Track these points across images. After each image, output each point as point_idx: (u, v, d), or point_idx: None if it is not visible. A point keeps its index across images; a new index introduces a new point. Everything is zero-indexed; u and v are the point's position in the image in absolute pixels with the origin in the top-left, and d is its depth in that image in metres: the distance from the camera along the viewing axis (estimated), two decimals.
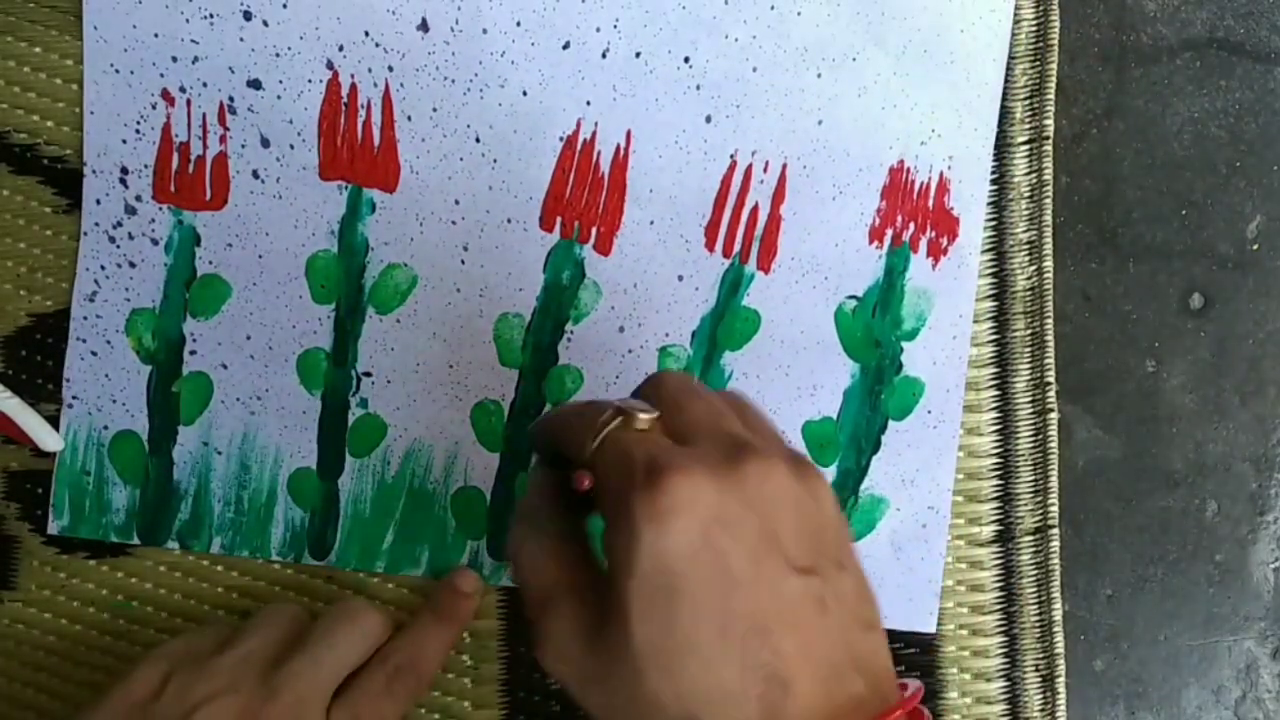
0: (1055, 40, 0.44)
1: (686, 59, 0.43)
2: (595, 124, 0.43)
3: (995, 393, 0.45)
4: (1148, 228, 0.46)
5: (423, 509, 0.44)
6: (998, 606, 0.45)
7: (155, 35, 0.41)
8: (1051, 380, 0.45)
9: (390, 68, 0.42)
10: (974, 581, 0.45)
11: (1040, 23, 0.44)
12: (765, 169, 0.43)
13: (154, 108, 0.42)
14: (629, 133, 0.43)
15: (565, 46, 0.42)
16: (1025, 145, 0.45)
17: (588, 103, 0.42)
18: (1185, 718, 0.46)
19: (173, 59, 0.41)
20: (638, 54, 0.42)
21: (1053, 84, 0.44)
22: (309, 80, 0.42)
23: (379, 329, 0.43)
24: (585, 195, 0.43)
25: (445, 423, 0.43)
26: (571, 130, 0.43)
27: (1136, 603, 0.46)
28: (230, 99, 0.42)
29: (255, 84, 0.41)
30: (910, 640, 0.45)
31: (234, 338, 0.43)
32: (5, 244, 0.43)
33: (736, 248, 0.44)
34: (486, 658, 0.44)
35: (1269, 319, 0.46)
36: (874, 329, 0.44)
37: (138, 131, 0.42)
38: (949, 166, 0.44)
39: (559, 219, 0.43)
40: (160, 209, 0.42)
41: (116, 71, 0.41)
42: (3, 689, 0.43)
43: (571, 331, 0.44)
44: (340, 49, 0.41)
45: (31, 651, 0.43)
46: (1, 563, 0.43)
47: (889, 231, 0.44)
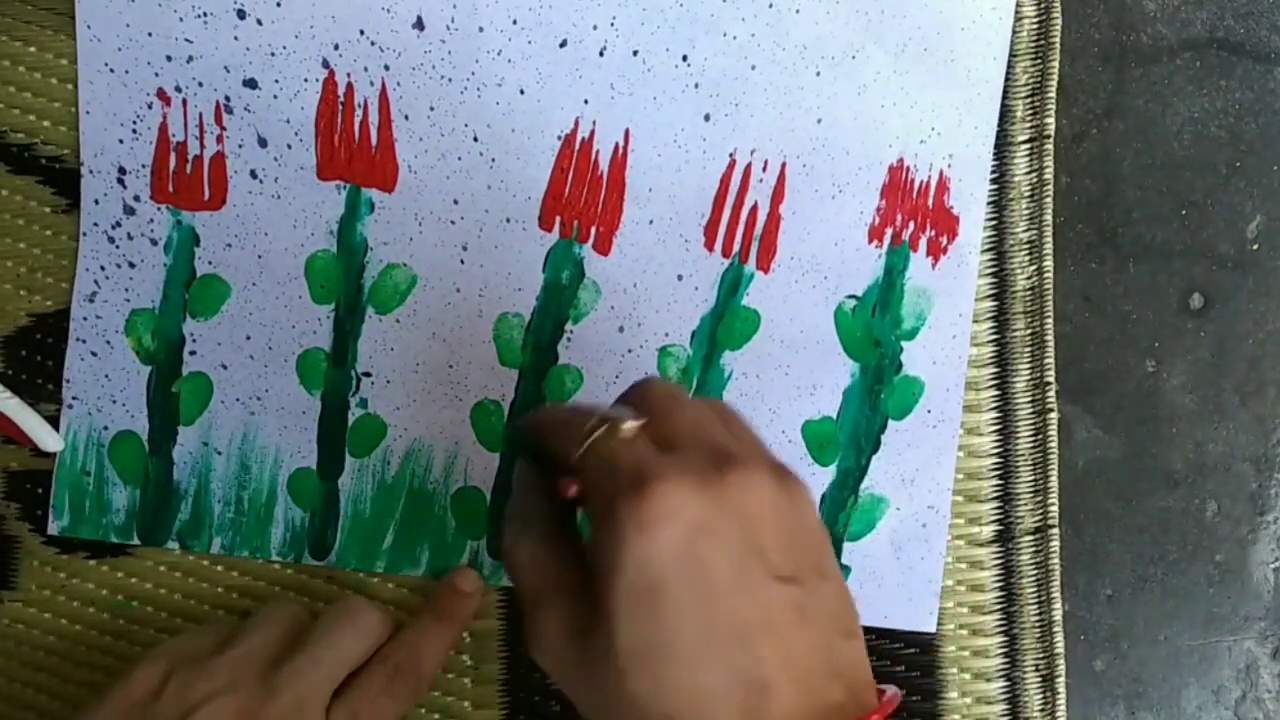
0: (1057, 38, 0.44)
1: (685, 57, 0.42)
2: (593, 123, 0.42)
3: (995, 393, 0.45)
4: (1148, 228, 0.45)
5: (423, 509, 0.44)
6: (998, 606, 0.45)
7: (149, 34, 0.41)
8: (1051, 380, 0.45)
9: (386, 66, 0.41)
10: (974, 581, 0.45)
11: (1041, 21, 0.44)
12: (764, 168, 0.43)
13: (150, 107, 0.41)
14: (627, 131, 0.43)
15: (562, 45, 0.42)
16: (1026, 144, 0.44)
17: (585, 101, 0.42)
18: (1185, 718, 0.46)
19: (167, 58, 0.41)
20: (635, 52, 0.42)
21: (1054, 82, 0.44)
22: (305, 79, 0.41)
23: (378, 329, 0.43)
24: (584, 194, 0.43)
25: (445, 423, 0.43)
26: (570, 129, 0.42)
27: (1136, 603, 0.46)
28: (226, 98, 0.41)
29: (251, 83, 0.41)
30: (910, 640, 0.45)
31: (234, 338, 0.43)
32: (5, 244, 0.43)
33: (736, 247, 0.44)
34: (486, 658, 0.44)
35: (1269, 319, 0.46)
36: (874, 328, 0.44)
37: (134, 131, 0.42)
38: (949, 165, 0.44)
39: (558, 218, 0.43)
40: (159, 209, 0.42)
41: (111, 71, 0.41)
42: (3, 689, 0.43)
43: (571, 331, 0.43)
44: (336, 48, 0.41)
45: (31, 651, 0.43)
46: (1, 563, 0.43)
47: (889, 230, 0.44)
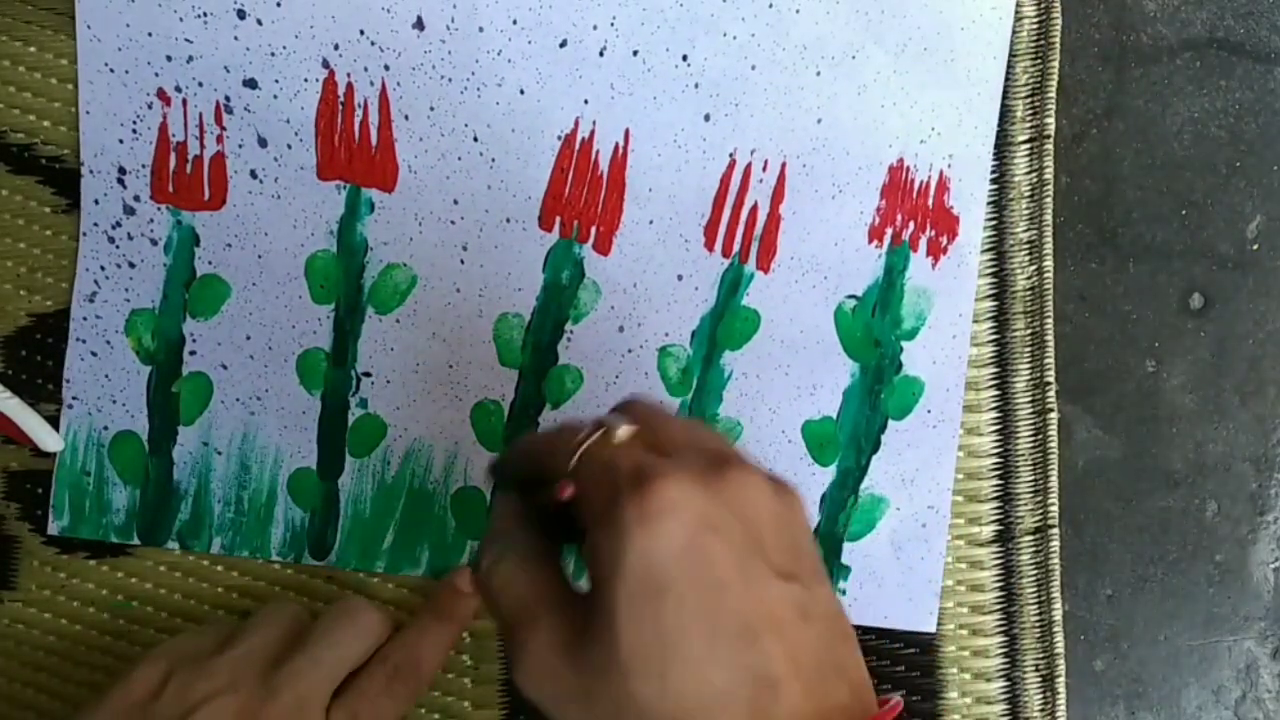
0: (1057, 38, 0.44)
1: (684, 57, 0.42)
2: (593, 123, 0.42)
3: (995, 393, 0.45)
4: (1148, 228, 0.45)
5: (423, 509, 0.44)
6: (998, 606, 0.45)
7: (149, 34, 0.41)
8: (1051, 380, 0.45)
9: (386, 66, 0.41)
10: (974, 581, 0.45)
11: (1041, 21, 0.44)
12: (764, 168, 0.43)
13: (150, 107, 0.41)
14: (627, 131, 0.43)
15: (562, 45, 0.42)
16: (1026, 144, 0.44)
17: (585, 101, 0.42)
18: (1185, 718, 0.46)
19: (167, 58, 0.41)
20: (635, 52, 0.42)
21: (1054, 82, 0.44)
22: (305, 79, 0.41)
23: (378, 329, 0.43)
24: (584, 194, 0.43)
25: (445, 423, 0.43)
26: (570, 129, 0.42)
27: (1136, 603, 0.46)
28: (226, 99, 0.41)
29: (251, 83, 0.41)
30: (910, 640, 0.45)
31: (234, 338, 0.43)
32: (5, 244, 0.43)
33: (736, 247, 0.44)
34: (486, 658, 0.44)
35: (1269, 319, 0.46)
36: (874, 328, 0.44)
37: (134, 131, 0.42)
38: (949, 165, 0.44)
39: (558, 218, 0.43)
40: (159, 209, 0.42)
41: (111, 71, 0.41)
42: (3, 689, 0.43)
43: (571, 331, 0.43)
44: (336, 48, 0.41)
45: (31, 651, 0.43)
46: (1, 563, 0.43)
47: (889, 230, 0.44)
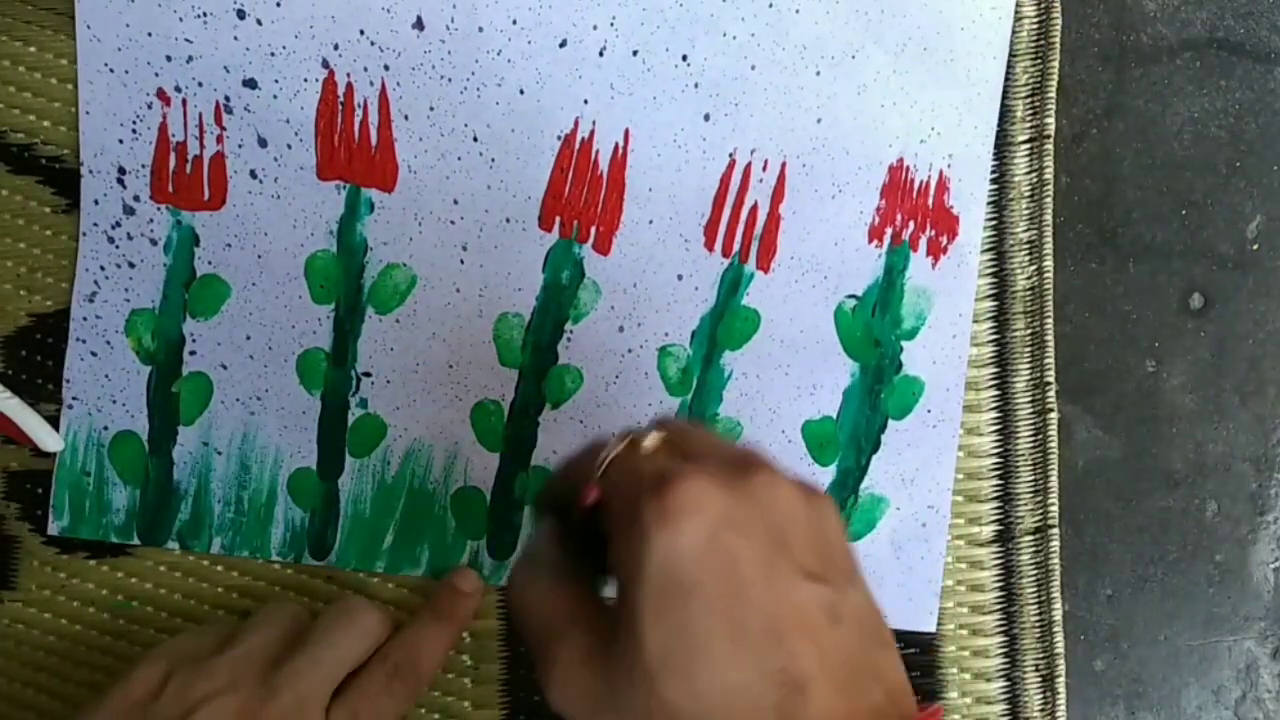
0: (1057, 38, 0.44)
1: (684, 57, 0.42)
2: (593, 123, 0.42)
3: (995, 393, 0.45)
4: (1148, 228, 0.45)
5: (423, 509, 0.44)
6: (998, 606, 0.45)
7: (149, 34, 0.41)
8: (1051, 380, 0.45)
9: (386, 66, 0.41)
10: (974, 581, 0.45)
11: (1041, 21, 0.44)
12: (764, 167, 0.43)
13: (150, 107, 0.41)
14: (627, 131, 0.43)
15: (562, 45, 0.42)
16: (1026, 144, 0.44)
17: (585, 101, 0.42)
18: (1185, 718, 0.46)
19: (167, 58, 0.41)
20: (635, 52, 0.42)
21: (1054, 82, 0.44)
22: (305, 79, 0.41)
23: (378, 329, 0.43)
24: (584, 194, 0.43)
25: (445, 423, 0.43)
26: (569, 129, 0.42)
27: (1136, 603, 0.46)
28: (226, 98, 0.41)
29: (251, 83, 0.41)
30: (910, 640, 0.45)
31: (233, 338, 0.43)
32: (5, 244, 0.43)
33: (736, 247, 0.44)
34: (486, 658, 0.44)
35: (1269, 319, 0.46)
36: (874, 328, 0.44)
37: (134, 131, 0.42)
38: (949, 165, 0.44)
39: (558, 218, 0.43)
40: (159, 209, 0.42)
41: (111, 71, 0.41)
42: (3, 689, 0.43)
43: (571, 331, 0.43)
44: (335, 48, 0.41)
45: (31, 651, 0.43)
46: (1, 563, 0.43)
47: (888, 230, 0.44)
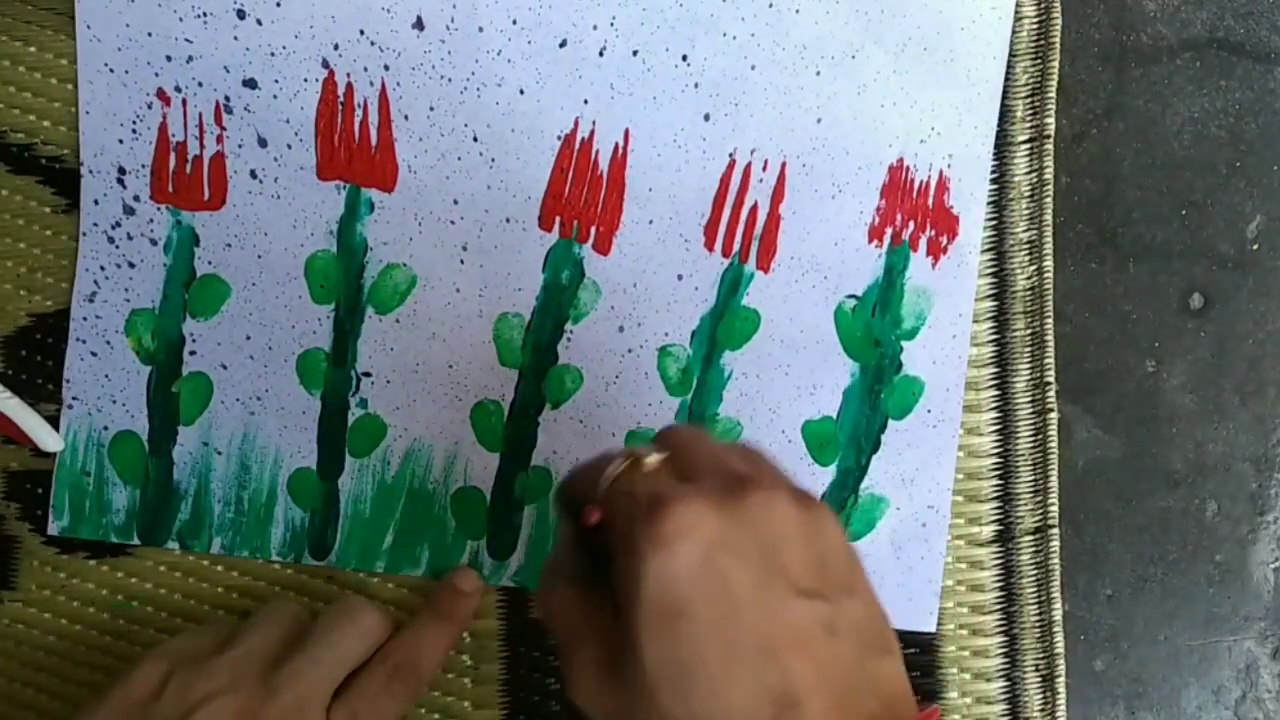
0: (1057, 38, 0.44)
1: (684, 57, 0.42)
2: (593, 123, 0.42)
3: (995, 393, 0.45)
4: (1148, 228, 0.45)
5: (423, 509, 0.44)
6: (998, 606, 0.45)
7: (149, 34, 0.41)
8: (1051, 380, 0.45)
9: (386, 66, 0.41)
10: (974, 581, 0.45)
11: (1041, 21, 0.44)
12: (764, 167, 0.43)
13: (150, 107, 0.41)
14: (627, 131, 0.43)
15: (562, 45, 0.42)
16: (1026, 144, 0.44)
17: (585, 101, 0.42)
18: (1185, 718, 0.46)
19: (167, 58, 0.41)
20: (635, 52, 0.42)
21: (1054, 82, 0.44)
22: (305, 79, 0.41)
23: (378, 329, 0.43)
24: (584, 194, 0.43)
25: (445, 423, 0.43)
26: (569, 129, 0.42)
27: (1136, 603, 0.46)
28: (226, 99, 0.41)
29: (251, 83, 0.41)
30: (910, 640, 0.45)
31: (233, 338, 0.43)
32: (5, 244, 0.43)
33: (736, 247, 0.44)
34: (486, 658, 0.44)
35: (1269, 319, 0.46)
36: (874, 328, 0.44)
37: (134, 131, 0.42)
38: (949, 165, 0.44)
39: (558, 218, 0.43)
40: (159, 209, 0.42)
41: (111, 71, 0.41)
42: (3, 689, 0.43)
43: (571, 331, 0.43)
44: (335, 48, 0.41)
45: (31, 651, 0.43)
46: (1, 563, 0.43)
47: (888, 230, 0.44)
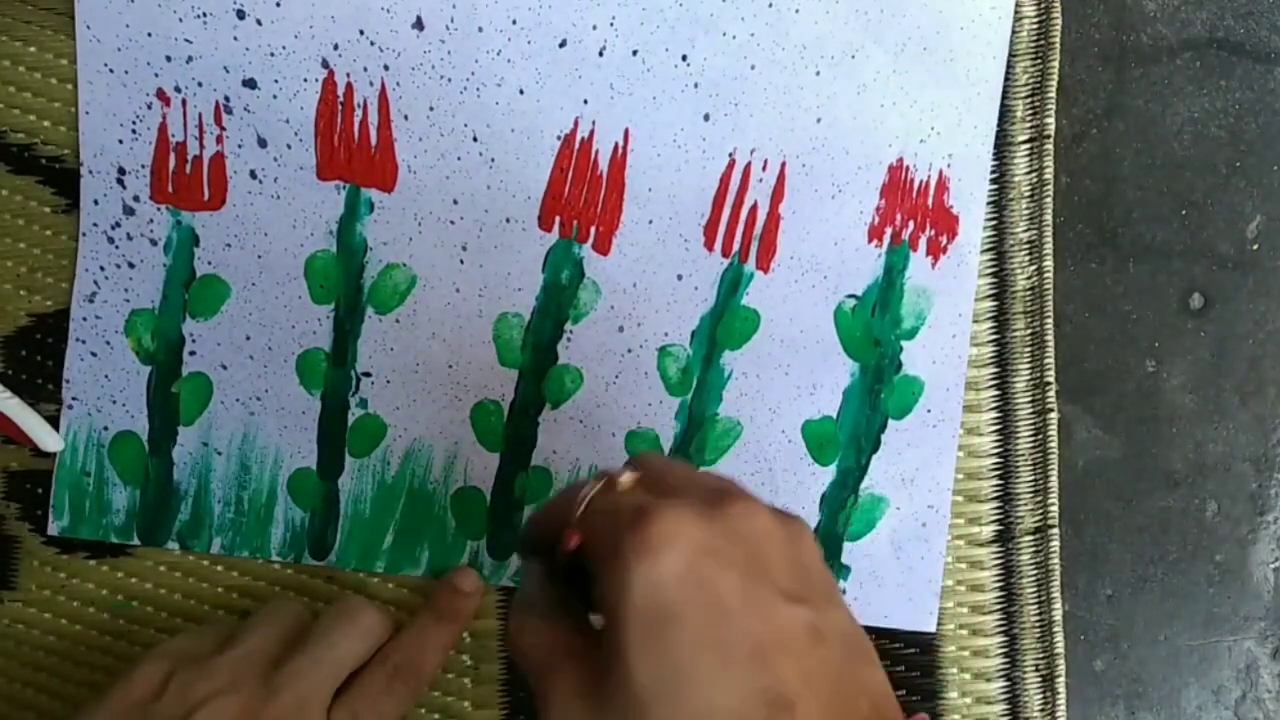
0: (1057, 38, 0.44)
1: (684, 57, 0.42)
2: (593, 123, 0.42)
3: (995, 393, 0.45)
4: (1148, 228, 0.45)
5: (423, 509, 0.44)
6: (998, 606, 0.45)
7: (149, 34, 0.41)
8: (1051, 380, 0.45)
9: (386, 66, 0.41)
10: (974, 581, 0.45)
11: (1041, 20, 0.44)
12: (764, 167, 0.43)
13: (149, 108, 0.41)
14: (627, 131, 0.43)
15: (562, 45, 0.42)
16: (1026, 144, 0.44)
17: (585, 101, 0.42)
18: (1185, 718, 0.46)
19: (167, 58, 0.41)
20: (635, 52, 0.42)
21: (1054, 82, 0.44)
22: (304, 79, 0.41)
23: (378, 329, 0.43)
24: (584, 194, 0.43)
25: (445, 423, 0.43)
26: (569, 129, 0.42)
27: (1136, 603, 0.46)
28: (226, 99, 0.41)
29: (251, 83, 0.41)
30: (910, 640, 0.45)
31: (233, 338, 0.43)
32: (5, 244, 0.43)
33: (736, 247, 0.44)
34: (486, 658, 0.44)
35: (1269, 319, 0.46)
36: (873, 328, 0.44)
37: (134, 131, 0.42)
38: (949, 165, 0.44)
39: (557, 218, 0.43)
40: (158, 209, 0.42)
41: (110, 71, 0.41)
42: (3, 689, 0.43)
43: (571, 331, 0.43)
44: (335, 48, 0.41)
45: (31, 651, 0.43)
46: (1, 563, 0.43)
47: (888, 230, 0.44)
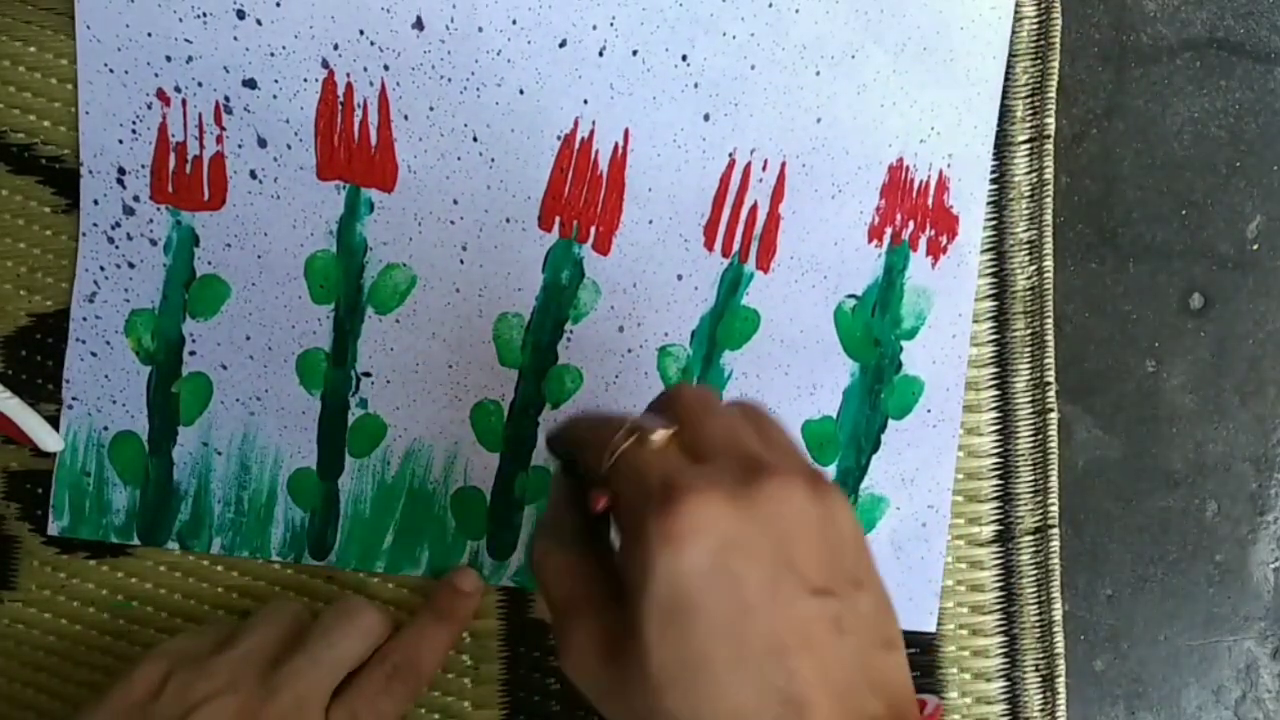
0: (1057, 38, 0.44)
1: (684, 57, 0.42)
2: (593, 123, 0.42)
3: (995, 393, 0.45)
4: (1148, 228, 0.45)
5: (423, 509, 0.44)
6: (998, 606, 0.45)
7: (149, 34, 0.41)
8: (1051, 380, 0.45)
9: (386, 66, 0.41)
10: (974, 581, 0.45)
11: (1041, 21, 0.44)
12: (764, 167, 0.43)
13: (149, 108, 0.41)
14: (627, 131, 0.43)
15: (562, 45, 0.42)
16: (1026, 144, 0.44)
17: (585, 101, 0.42)
18: (1185, 718, 0.46)
19: (167, 58, 0.41)
20: (635, 52, 0.42)
21: (1054, 82, 0.44)
22: (304, 79, 0.41)
23: (378, 329, 0.43)
24: (584, 194, 0.43)
25: (445, 423, 0.43)
26: (569, 129, 0.42)
27: (1136, 603, 0.46)
28: (226, 99, 0.41)
29: (251, 83, 0.41)
30: (910, 640, 0.45)
31: (233, 338, 0.43)
32: (5, 244, 0.43)
33: (736, 247, 0.44)
34: (486, 658, 0.44)
35: (1269, 319, 0.46)
36: (873, 328, 0.44)
37: (134, 131, 0.42)
38: (949, 165, 0.44)
39: (558, 218, 0.43)
40: (158, 209, 0.42)
41: (110, 71, 0.41)
42: (3, 689, 0.43)
43: (571, 331, 0.43)
44: (335, 48, 0.41)
45: (31, 651, 0.43)
46: (1, 563, 0.43)
47: (888, 230, 0.44)
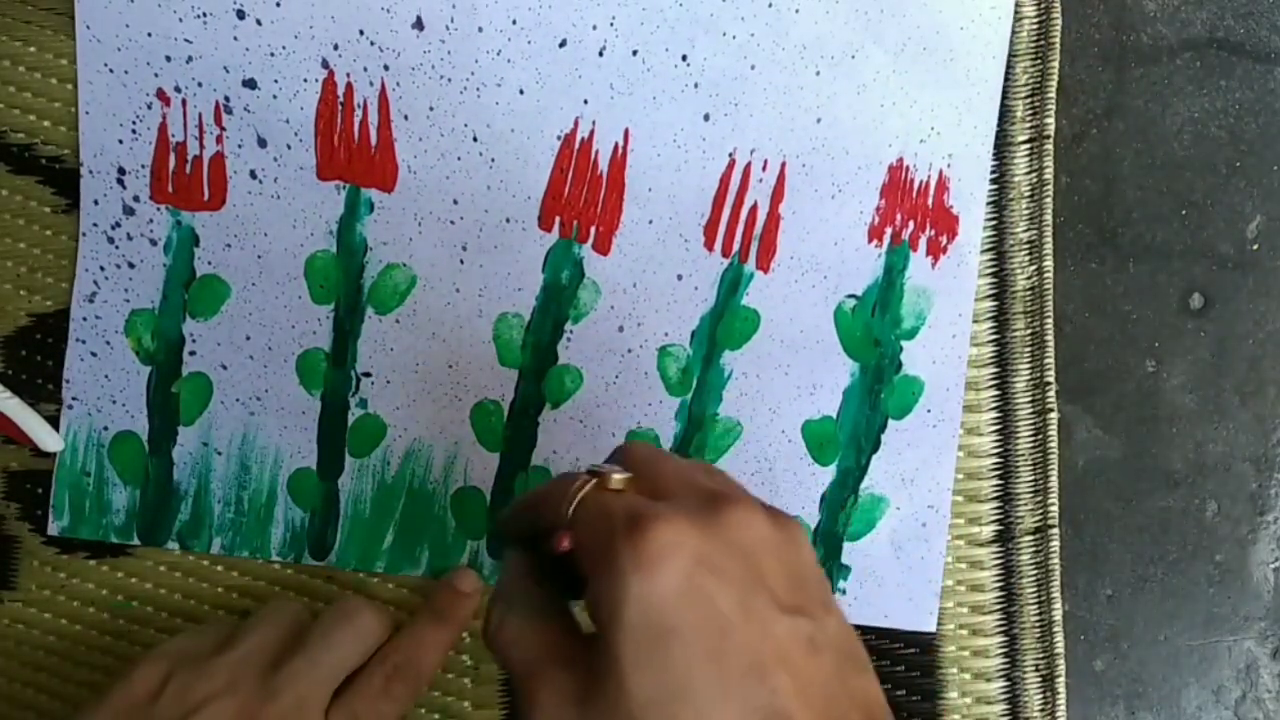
0: (1057, 38, 0.44)
1: (684, 57, 0.42)
2: (593, 123, 0.42)
3: (995, 393, 0.45)
4: (1148, 228, 0.45)
5: (423, 509, 0.44)
6: (998, 606, 0.45)
7: (149, 34, 0.41)
8: (1051, 380, 0.45)
9: (386, 66, 0.41)
10: (974, 581, 0.45)
11: (1041, 21, 0.44)
12: (764, 167, 0.43)
13: (149, 108, 0.41)
14: (627, 131, 0.43)
15: (562, 45, 0.42)
16: (1026, 144, 0.44)
17: (585, 101, 0.42)
18: (1185, 718, 0.46)
19: (167, 58, 0.41)
20: (635, 52, 0.42)
21: (1054, 82, 0.44)
22: (304, 79, 0.41)
23: (378, 329, 0.43)
24: (584, 194, 0.43)
25: (445, 423, 0.43)
26: (569, 129, 0.42)
27: (1136, 603, 0.46)
28: (226, 99, 0.41)
29: (251, 83, 0.41)
30: (910, 640, 0.45)
31: (233, 338, 0.43)
32: (5, 244, 0.43)
33: (736, 247, 0.44)
34: (486, 658, 0.44)
35: (1269, 319, 0.46)
36: (873, 328, 0.44)
37: (134, 132, 0.42)
38: (949, 165, 0.44)
39: (558, 218, 0.43)
40: (158, 209, 0.42)
41: (110, 71, 0.41)
42: (3, 689, 0.43)
43: (571, 331, 0.43)
44: (335, 48, 0.41)
45: (31, 651, 0.43)
46: (1, 563, 0.43)
47: (888, 230, 0.44)
